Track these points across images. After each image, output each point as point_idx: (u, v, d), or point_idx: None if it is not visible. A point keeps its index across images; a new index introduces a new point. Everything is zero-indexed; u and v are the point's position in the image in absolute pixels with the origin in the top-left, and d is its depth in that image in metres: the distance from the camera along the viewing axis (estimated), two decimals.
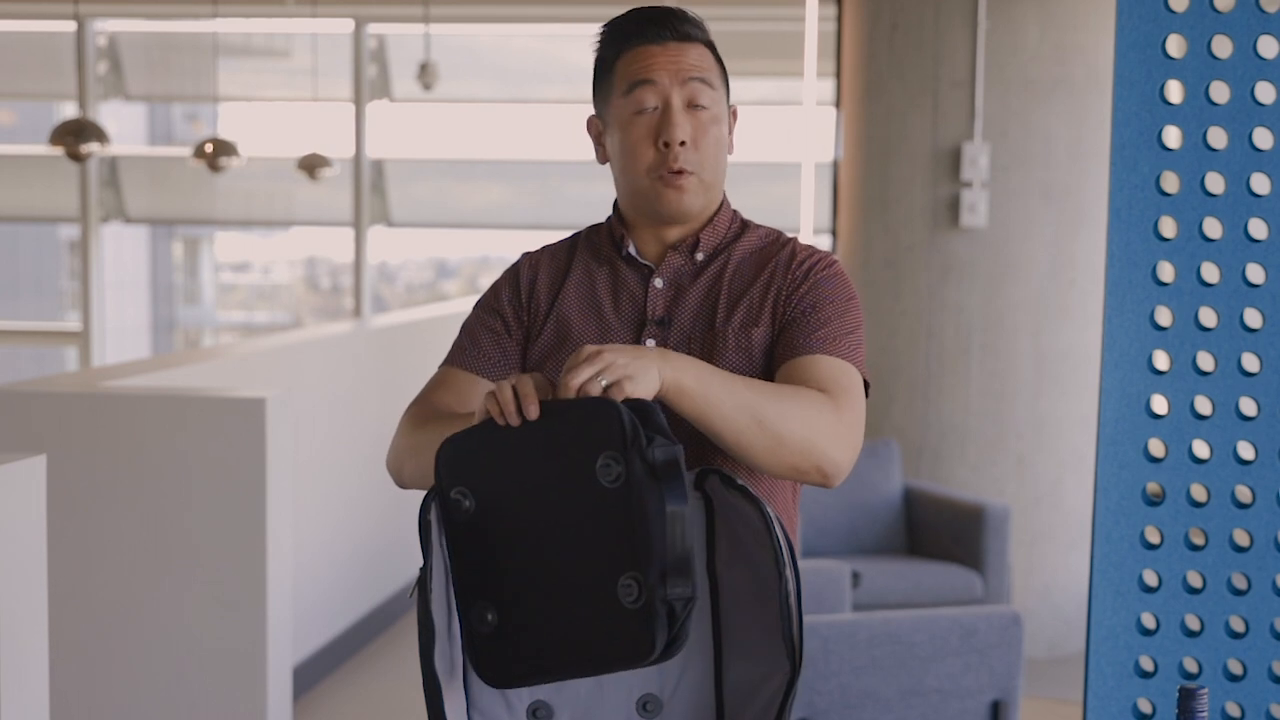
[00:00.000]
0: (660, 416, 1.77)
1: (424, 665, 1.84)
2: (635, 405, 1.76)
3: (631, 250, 2.13)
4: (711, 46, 2.11)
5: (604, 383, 1.76)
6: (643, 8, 2.12)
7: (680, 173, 2.06)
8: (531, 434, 1.78)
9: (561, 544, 1.79)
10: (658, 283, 2.11)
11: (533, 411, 1.78)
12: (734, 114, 2.16)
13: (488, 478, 1.82)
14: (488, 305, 2.18)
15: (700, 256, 2.12)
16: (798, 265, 2.09)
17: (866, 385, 2.03)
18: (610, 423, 1.74)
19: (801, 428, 1.89)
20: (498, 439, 1.80)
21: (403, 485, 2.11)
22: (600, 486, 1.75)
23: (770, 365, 2.04)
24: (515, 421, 1.79)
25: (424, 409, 2.10)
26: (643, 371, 1.78)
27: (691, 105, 2.06)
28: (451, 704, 1.88)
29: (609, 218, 2.18)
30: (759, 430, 1.86)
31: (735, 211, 2.18)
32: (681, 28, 2.08)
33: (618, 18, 2.11)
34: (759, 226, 2.18)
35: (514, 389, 1.80)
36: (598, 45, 2.12)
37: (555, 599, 1.80)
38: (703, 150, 2.06)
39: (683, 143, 2.05)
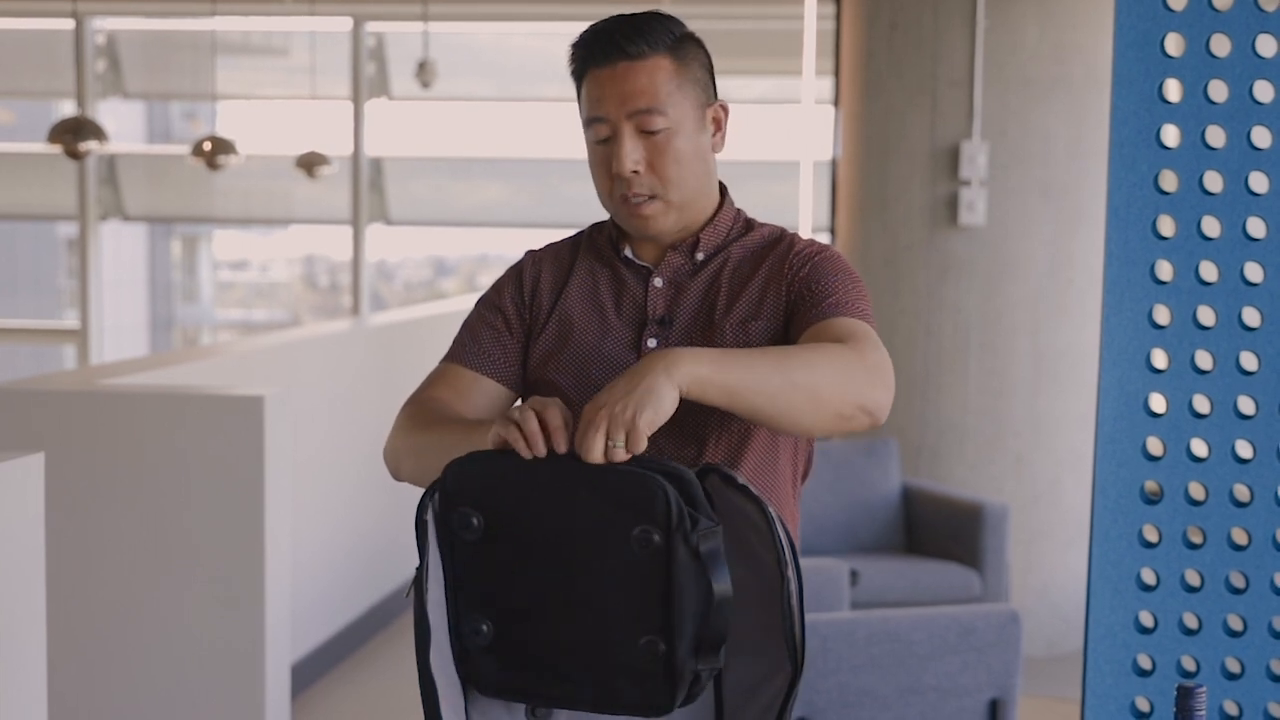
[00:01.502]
0: (699, 490, 1.76)
1: (420, 666, 1.83)
2: (676, 478, 1.74)
3: (628, 253, 2.12)
4: (676, 50, 2.04)
5: (619, 445, 1.72)
6: (603, 21, 2.06)
7: (638, 199, 2.04)
8: (559, 474, 1.75)
9: (578, 587, 1.77)
10: (657, 282, 2.10)
11: (562, 446, 1.75)
12: (723, 110, 2.11)
13: (502, 503, 1.78)
14: (490, 303, 2.18)
15: (700, 256, 2.11)
16: (795, 255, 2.08)
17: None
18: (654, 499, 1.72)
19: (832, 375, 1.86)
20: (518, 468, 1.76)
21: (398, 479, 2.11)
22: (633, 551, 1.74)
23: None
24: (541, 453, 1.75)
25: (423, 406, 2.09)
26: (650, 396, 1.74)
27: (642, 131, 2.01)
28: (450, 703, 1.88)
29: (610, 217, 2.17)
30: (794, 390, 1.83)
31: (739, 210, 2.17)
32: (631, 46, 2.00)
33: (583, 32, 2.07)
34: (763, 225, 2.16)
35: (539, 418, 1.76)
36: (569, 63, 2.09)
37: (563, 634, 1.80)
38: (661, 171, 2.03)
39: (636, 171, 2.02)
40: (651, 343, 2.07)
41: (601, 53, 2.03)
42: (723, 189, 2.16)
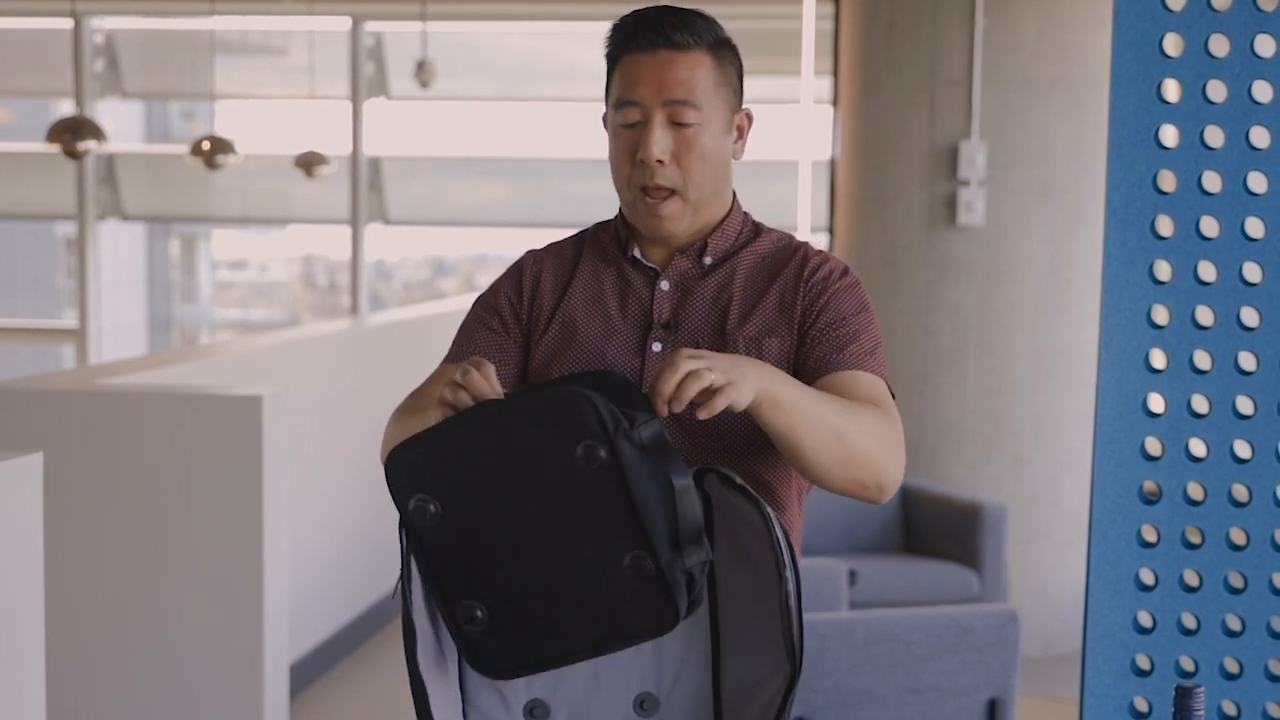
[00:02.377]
0: (629, 387, 1.76)
1: (409, 665, 1.83)
2: (596, 382, 1.74)
3: (636, 253, 2.10)
4: (716, 50, 2.05)
5: (712, 380, 1.73)
6: (649, 9, 2.05)
7: (659, 190, 2.03)
8: (491, 431, 1.74)
9: (548, 532, 1.76)
10: (664, 285, 2.08)
11: (493, 392, 1.76)
12: (748, 119, 2.11)
13: (450, 481, 1.77)
14: (486, 304, 2.17)
15: (708, 260, 2.09)
16: (811, 273, 2.06)
17: (892, 395, 2.03)
18: (583, 414, 1.70)
19: (872, 444, 1.90)
20: (453, 441, 1.75)
21: None
22: (585, 472, 1.72)
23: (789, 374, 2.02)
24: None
25: (412, 400, 2.10)
26: (742, 380, 1.77)
27: (674, 122, 2.01)
28: (445, 703, 1.87)
29: (616, 216, 2.15)
30: (838, 446, 1.87)
31: (747, 215, 2.15)
32: (677, 35, 2.01)
33: (625, 16, 2.06)
34: (771, 231, 2.15)
35: (465, 388, 1.77)
36: (606, 44, 2.08)
37: (550, 586, 1.78)
38: (686, 167, 2.02)
39: (660, 161, 2.01)
40: (656, 346, 2.05)
41: (645, 38, 2.02)
42: (732, 194, 2.16)
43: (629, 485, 1.71)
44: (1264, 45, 1.91)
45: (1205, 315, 1.93)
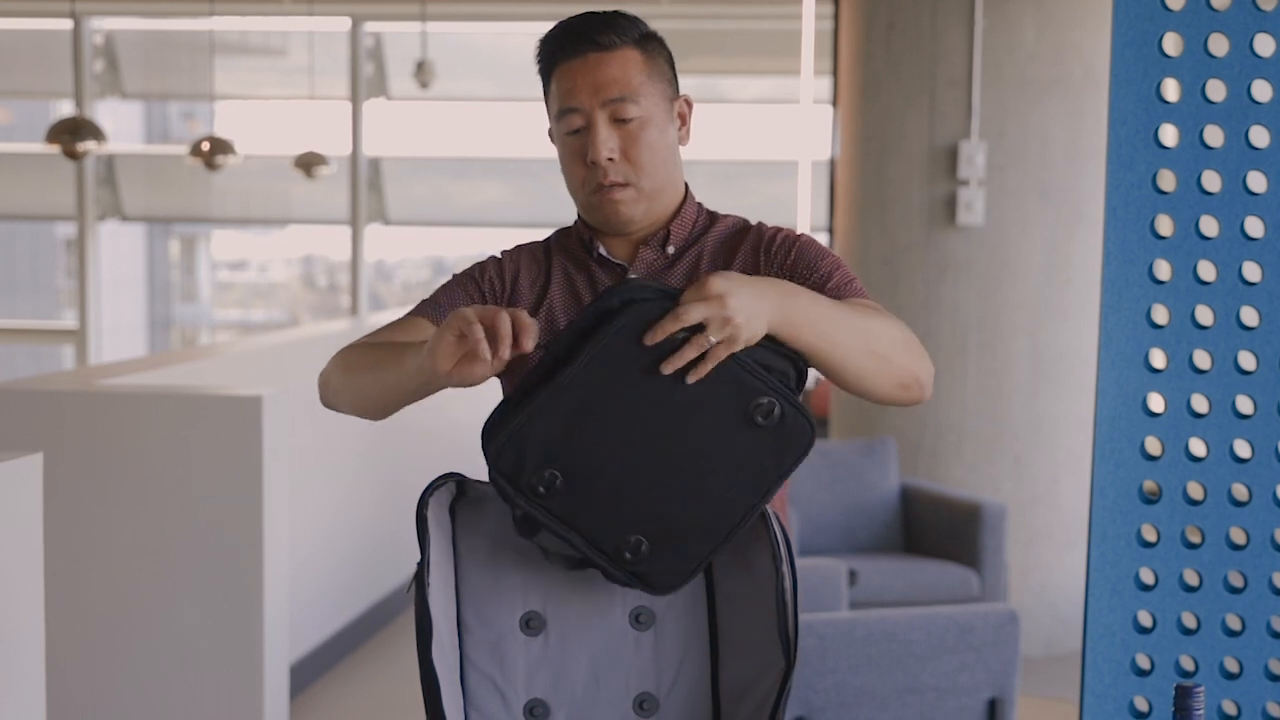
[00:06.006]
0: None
1: (422, 662, 1.83)
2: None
3: (602, 251, 2.12)
4: (642, 44, 2.08)
5: (714, 340, 1.71)
6: (571, 18, 2.09)
7: (613, 186, 2.05)
8: (594, 374, 1.75)
9: (669, 438, 1.77)
10: (633, 279, 2.10)
11: (529, 345, 1.74)
12: (688, 104, 2.14)
13: (565, 445, 1.76)
14: (468, 275, 2.17)
15: (672, 249, 2.12)
16: (769, 242, 2.10)
17: None
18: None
19: (899, 343, 1.90)
20: (555, 407, 1.75)
21: (328, 406, 2.13)
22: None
23: None
24: (505, 357, 1.73)
25: (369, 345, 2.06)
26: (754, 322, 1.74)
27: (616, 120, 2.04)
28: (452, 701, 1.87)
29: (576, 221, 2.18)
30: (869, 351, 1.87)
31: (700, 204, 2.19)
32: (601, 37, 2.05)
33: (550, 30, 2.10)
34: (726, 216, 2.19)
35: (497, 326, 1.73)
36: (537, 61, 2.11)
37: (688, 487, 1.79)
38: (635, 160, 2.05)
39: (611, 159, 2.04)
40: None
41: (572, 45, 2.06)
42: (685, 184, 2.18)
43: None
44: (1263, 45, 1.91)
45: (1205, 315, 1.93)
